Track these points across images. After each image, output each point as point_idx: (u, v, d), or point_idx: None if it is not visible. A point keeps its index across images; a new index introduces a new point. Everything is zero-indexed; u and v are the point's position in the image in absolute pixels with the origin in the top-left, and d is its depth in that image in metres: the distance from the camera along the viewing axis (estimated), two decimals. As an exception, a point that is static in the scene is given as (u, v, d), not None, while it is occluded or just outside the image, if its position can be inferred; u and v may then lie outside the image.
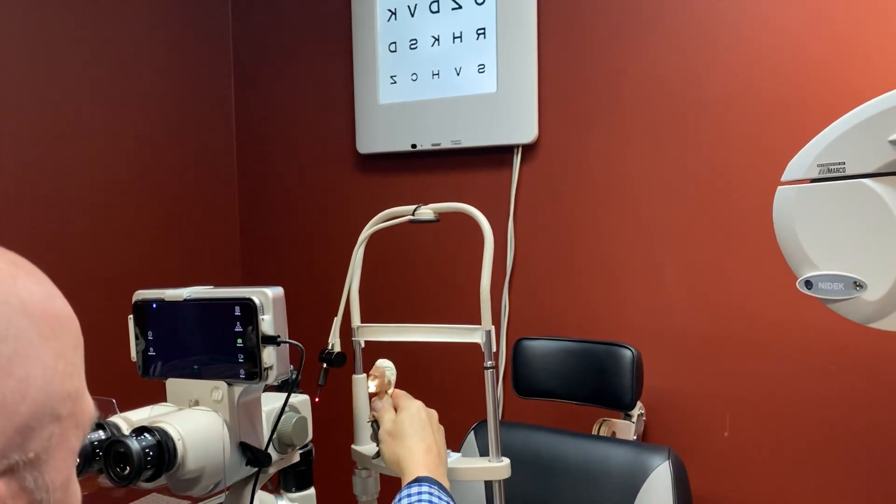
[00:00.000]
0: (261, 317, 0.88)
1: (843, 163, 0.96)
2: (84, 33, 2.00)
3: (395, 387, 1.11)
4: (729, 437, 1.75)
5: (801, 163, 1.01)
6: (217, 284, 0.97)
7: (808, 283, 1.01)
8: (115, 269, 2.07)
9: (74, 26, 1.98)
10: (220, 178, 2.43)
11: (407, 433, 1.00)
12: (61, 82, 1.95)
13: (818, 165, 0.99)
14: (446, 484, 0.96)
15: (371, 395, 1.09)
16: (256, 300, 0.88)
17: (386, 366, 1.11)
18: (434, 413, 1.07)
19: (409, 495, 0.89)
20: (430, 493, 0.89)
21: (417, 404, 1.06)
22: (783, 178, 1.04)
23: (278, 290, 0.90)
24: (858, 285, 0.96)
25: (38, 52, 1.90)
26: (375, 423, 1.07)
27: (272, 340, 0.89)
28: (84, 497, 0.96)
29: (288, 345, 0.91)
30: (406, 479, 0.94)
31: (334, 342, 1.19)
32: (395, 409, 1.06)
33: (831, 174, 0.97)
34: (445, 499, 0.89)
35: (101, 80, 2.05)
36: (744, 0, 1.67)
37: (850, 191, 0.96)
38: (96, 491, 0.90)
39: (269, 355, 0.89)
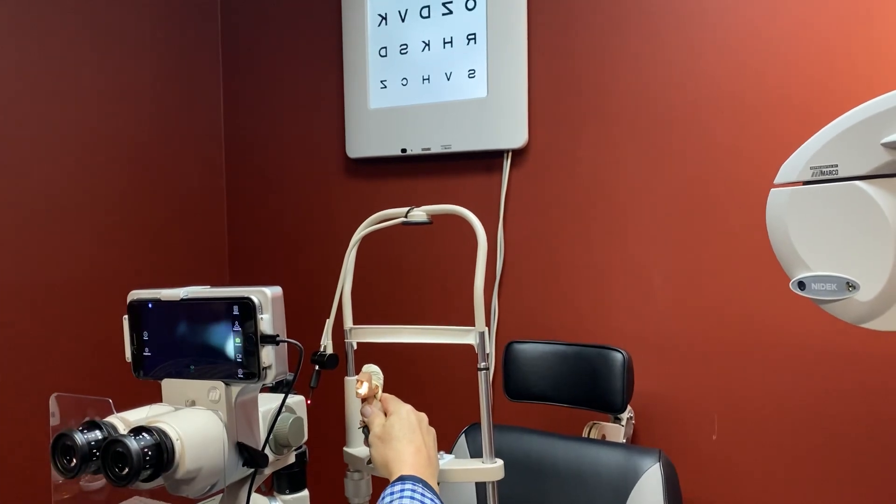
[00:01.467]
0: (259, 316, 0.88)
1: (836, 165, 0.97)
2: (73, 37, 1.99)
3: (385, 390, 1.11)
4: (717, 439, 1.76)
5: (794, 165, 1.02)
6: (210, 286, 0.97)
7: (801, 284, 1.02)
8: (105, 272, 2.06)
9: (64, 28, 1.97)
10: (209, 181, 2.42)
11: (396, 436, 0.99)
12: (50, 85, 1.94)
13: (811, 168, 1.00)
14: (435, 485, 0.95)
15: (363, 400, 1.09)
16: (255, 299, 0.88)
17: (373, 370, 1.10)
18: (423, 416, 1.06)
19: (391, 493, 0.88)
20: (413, 490, 0.88)
21: (407, 408, 1.05)
22: (776, 181, 1.05)
23: (277, 290, 0.90)
24: (851, 286, 0.97)
25: (28, 54, 1.88)
26: (366, 429, 1.06)
27: (271, 340, 0.88)
28: (65, 500, 0.95)
29: (285, 345, 0.91)
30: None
31: (326, 344, 1.18)
32: (385, 414, 1.05)
33: (824, 176, 0.99)
34: (430, 496, 0.89)
35: (93, 85, 2.04)
36: (731, 7, 1.69)
37: (842, 193, 0.97)
38: (78, 493, 0.89)
39: (267, 355, 0.88)
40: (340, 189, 2.26)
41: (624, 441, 1.69)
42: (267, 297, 0.89)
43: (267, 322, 0.89)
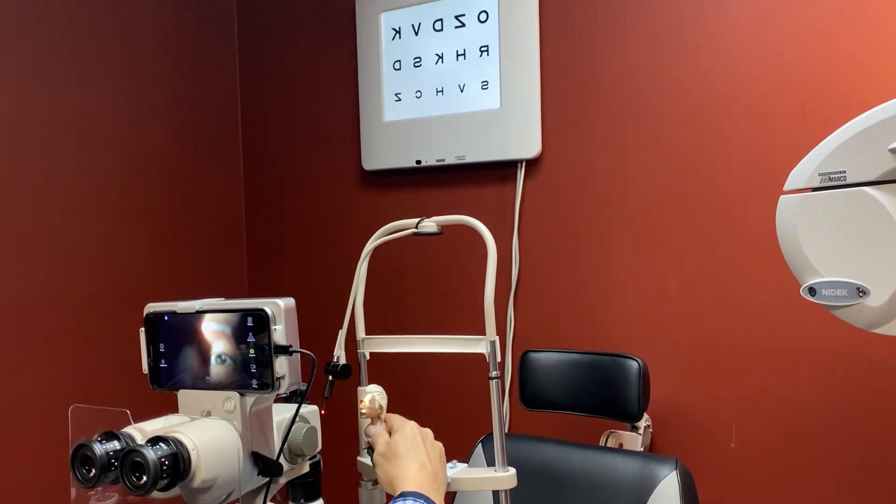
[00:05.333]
0: (273, 327, 0.89)
1: (844, 171, 0.98)
2: (92, 50, 2.03)
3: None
4: (735, 447, 1.75)
5: (803, 172, 1.02)
6: (225, 297, 0.98)
7: (812, 290, 1.02)
8: (124, 284, 2.09)
9: (82, 40, 2.01)
10: (226, 193, 2.45)
11: (399, 453, 1.00)
12: (69, 97, 1.98)
13: (819, 174, 1.00)
14: (439, 501, 0.95)
15: (370, 420, 1.09)
16: (269, 310, 0.90)
17: (375, 390, 1.11)
18: (428, 432, 1.06)
19: None
20: None
21: (410, 424, 1.06)
22: (785, 188, 1.05)
23: (290, 301, 0.91)
24: (862, 291, 0.97)
25: (47, 65, 1.92)
26: (370, 448, 1.07)
27: (284, 350, 0.90)
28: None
29: (298, 355, 0.92)
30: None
31: (339, 354, 1.19)
32: (389, 433, 1.06)
33: (832, 183, 0.99)
34: None
35: (113, 100, 2.08)
36: (741, 15, 1.70)
37: (851, 199, 0.97)
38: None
39: (281, 365, 0.90)
40: (356, 201, 2.28)
41: (641, 449, 1.68)
42: (280, 309, 0.91)
43: (280, 333, 0.90)
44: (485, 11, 1.97)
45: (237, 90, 2.49)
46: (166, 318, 0.96)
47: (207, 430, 0.89)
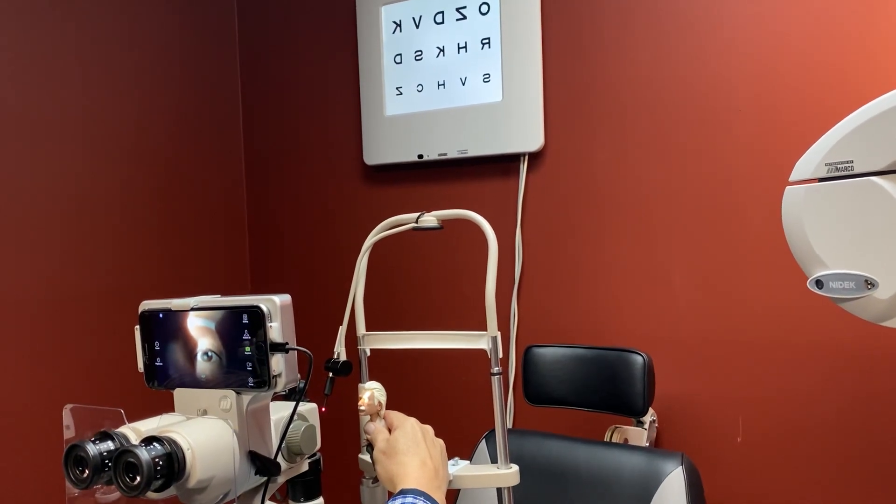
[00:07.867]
0: (269, 324, 0.88)
1: (851, 161, 0.96)
2: (93, 49, 2.02)
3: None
4: (742, 442, 1.74)
5: (809, 162, 1.00)
6: (226, 294, 0.97)
7: (819, 283, 1.00)
8: (126, 282, 2.08)
9: (82, 40, 2.00)
10: (228, 189, 2.44)
11: (400, 450, 0.98)
12: (70, 97, 1.97)
13: (826, 164, 0.98)
14: (440, 498, 0.93)
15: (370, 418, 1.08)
16: (264, 308, 0.88)
17: (374, 387, 1.09)
18: (429, 428, 1.05)
19: None
20: (414, 503, 0.88)
21: (411, 421, 1.04)
22: (791, 178, 1.03)
23: (286, 298, 0.90)
24: (870, 283, 0.95)
25: (48, 65, 1.91)
26: (370, 446, 1.06)
27: (280, 348, 0.88)
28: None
29: (295, 352, 0.91)
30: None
31: (340, 351, 1.18)
32: (389, 430, 1.04)
33: (839, 173, 0.97)
34: None
35: (115, 103, 2.07)
36: (744, 5, 1.67)
37: (858, 189, 0.95)
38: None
39: (277, 363, 0.88)
40: (358, 196, 2.27)
41: (647, 444, 1.67)
42: (276, 305, 0.89)
43: (276, 330, 0.89)
44: (486, 3, 1.95)
45: (238, 86, 2.47)
46: (161, 315, 0.95)
47: (203, 430, 0.88)
